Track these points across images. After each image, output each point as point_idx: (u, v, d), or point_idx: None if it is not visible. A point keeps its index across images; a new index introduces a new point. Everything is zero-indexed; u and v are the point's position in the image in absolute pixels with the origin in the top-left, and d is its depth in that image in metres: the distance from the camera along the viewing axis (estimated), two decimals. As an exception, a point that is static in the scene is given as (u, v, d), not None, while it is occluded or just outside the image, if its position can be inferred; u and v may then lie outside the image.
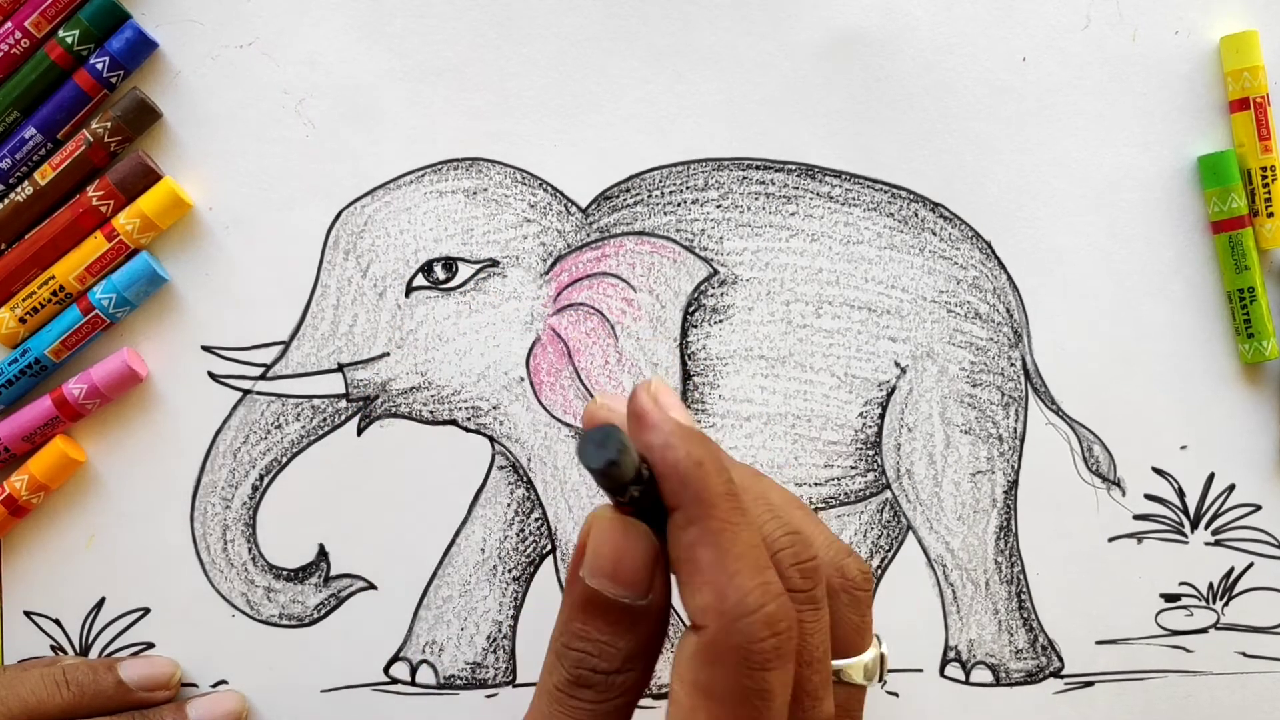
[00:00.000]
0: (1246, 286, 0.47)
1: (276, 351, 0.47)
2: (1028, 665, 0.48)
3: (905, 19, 0.48)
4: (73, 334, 0.46)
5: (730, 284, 0.48)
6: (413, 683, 0.48)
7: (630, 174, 0.48)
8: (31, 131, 0.46)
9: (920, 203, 0.48)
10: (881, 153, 0.48)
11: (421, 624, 0.48)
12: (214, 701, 0.46)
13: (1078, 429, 0.48)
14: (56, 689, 0.45)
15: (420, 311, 0.47)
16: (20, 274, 0.46)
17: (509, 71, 0.47)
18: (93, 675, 0.46)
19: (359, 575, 0.48)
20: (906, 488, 0.48)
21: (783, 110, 0.48)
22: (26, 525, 0.47)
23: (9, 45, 0.45)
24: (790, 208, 0.48)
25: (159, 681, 0.46)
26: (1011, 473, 0.48)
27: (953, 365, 0.48)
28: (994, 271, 0.48)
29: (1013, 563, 0.48)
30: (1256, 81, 0.47)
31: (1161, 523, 0.48)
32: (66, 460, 0.46)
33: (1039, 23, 0.48)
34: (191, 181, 0.47)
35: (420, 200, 0.47)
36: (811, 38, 0.47)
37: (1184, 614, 0.48)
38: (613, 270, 0.47)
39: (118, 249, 0.46)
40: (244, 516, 0.47)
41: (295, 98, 0.47)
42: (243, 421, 0.47)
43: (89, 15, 0.45)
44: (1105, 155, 0.48)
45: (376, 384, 0.47)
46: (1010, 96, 0.48)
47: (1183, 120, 0.48)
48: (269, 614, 0.48)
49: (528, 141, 0.47)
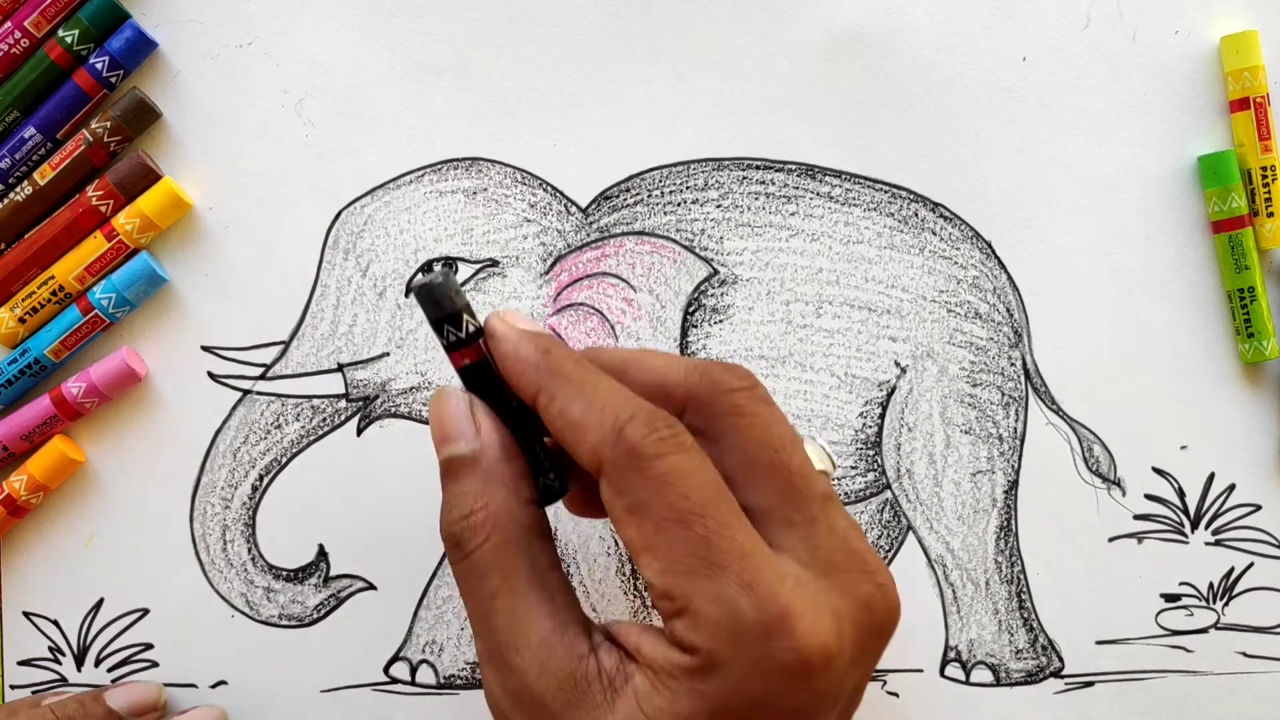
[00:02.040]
0: (1246, 286, 0.47)
1: (276, 351, 0.47)
2: (1028, 665, 0.48)
3: (906, 19, 0.48)
4: (72, 334, 0.46)
5: (730, 284, 0.48)
6: (413, 683, 0.48)
7: (630, 174, 0.48)
8: (31, 131, 0.46)
9: (920, 202, 0.48)
10: (882, 152, 0.48)
11: (421, 624, 0.48)
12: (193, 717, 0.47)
13: (1078, 429, 0.48)
14: None
15: (420, 312, 0.47)
16: (20, 274, 0.46)
17: (509, 71, 0.47)
18: (81, 709, 0.45)
19: (359, 575, 0.48)
20: (907, 487, 0.48)
21: (783, 110, 0.48)
22: (25, 525, 0.47)
23: (9, 45, 0.45)
24: (790, 207, 0.48)
25: (147, 705, 0.46)
26: (1012, 473, 0.48)
27: (953, 365, 0.48)
28: (994, 271, 0.48)
29: (1013, 563, 0.48)
30: (1257, 81, 0.47)
31: (1162, 523, 0.48)
32: (66, 460, 0.46)
33: (1039, 22, 0.48)
34: (191, 181, 0.47)
35: (420, 200, 0.47)
36: (812, 37, 0.48)
37: (1184, 614, 0.48)
38: (613, 270, 0.47)
39: (117, 249, 0.46)
40: (244, 517, 0.47)
41: (295, 97, 0.47)
42: (242, 421, 0.47)
43: (89, 15, 0.45)
44: (1105, 155, 0.48)
45: (376, 384, 0.47)
46: (1010, 96, 0.48)
47: (1183, 120, 0.48)
48: (268, 614, 0.48)
49: (528, 141, 0.47)
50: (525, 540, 0.35)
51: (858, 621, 0.34)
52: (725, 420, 0.35)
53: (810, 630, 0.32)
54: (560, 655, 0.34)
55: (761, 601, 0.32)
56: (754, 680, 0.32)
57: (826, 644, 0.32)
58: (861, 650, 0.34)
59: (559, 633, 0.34)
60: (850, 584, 0.34)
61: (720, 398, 0.36)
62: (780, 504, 0.35)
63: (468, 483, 0.36)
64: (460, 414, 0.37)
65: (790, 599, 0.32)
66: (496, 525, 0.35)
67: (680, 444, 0.34)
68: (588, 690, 0.34)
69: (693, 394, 0.36)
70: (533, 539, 0.36)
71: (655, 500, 0.33)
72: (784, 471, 0.35)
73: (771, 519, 0.35)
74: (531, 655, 0.34)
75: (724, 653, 0.32)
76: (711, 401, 0.36)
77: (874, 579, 0.35)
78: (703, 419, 0.36)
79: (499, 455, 0.36)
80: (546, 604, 0.35)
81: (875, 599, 0.34)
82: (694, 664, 0.32)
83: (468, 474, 0.36)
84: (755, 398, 0.36)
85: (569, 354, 0.36)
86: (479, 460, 0.36)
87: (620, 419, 0.34)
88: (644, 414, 0.34)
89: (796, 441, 0.36)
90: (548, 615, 0.35)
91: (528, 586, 0.35)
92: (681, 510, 0.33)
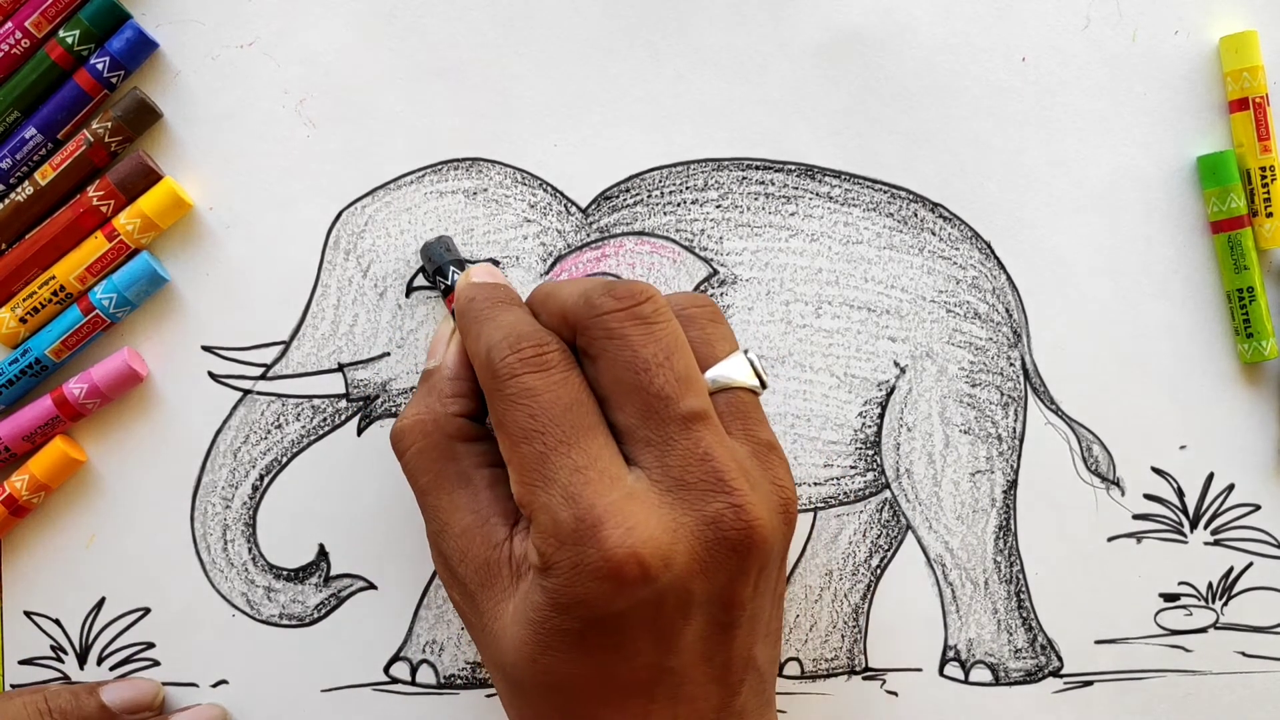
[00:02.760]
0: (1245, 286, 0.47)
1: (277, 351, 0.47)
2: (1027, 665, 0.48)
3: (905, 19, 0.48)
4: (73, 334, 0.46)
5: (730, 284, 0.48)
6: (413, 682, 0.48)
7: (630, 174, 0.48)
8: (32, 131, 0.46)
9: (920, 203, 0.48)
10: (881, 153, 0.48)
11: (422, 624, 0.48)
12: (193, 715, 0.47)
13: (1077, 429, 0.48)
14: (39, 717, 0.45)
15: (421, 311, 0.47)
16: (21, 274, 0.46)
17: (509, 72, 0.47)
18: (75, 701, 0.45)
19: (359, 575, 0.48)
20: (906, 487, 0.48)
21: (782, 110, 0.48)
22: (27, 525, 0.47)
23: (9, 45, 0.45)
24: (790, 208, 0.48)
25: (142, 703, 0.46)
26: (1011, 472, 0.48)
27: (952, 365, 0.48)
28: (993, 271, 0.48)
29: (1012, 562, 0.48)
30: (1256, 82, 0.47)
31: (1161, 522, 0.48)
32: (67, 460, 0.46)
33: (1039, 23, 0.48)
34: (192, 181, 0.47)
35: (421, 200, 0.47)
36: (811, 38, 0.48)
37: (1183, 614, 0.48)
38: (613, 270, 0.47)
39: (118, 249, 0.46)
40: (244, 516, 0.48)
41: (296, 98, 0.47)
42: (243, 421, 0.47)
43: (89, 15, 0.45)
44: (1105, 155, 0.48)
45: (377, 384, 0.47)
46: (1010, 96, 0.48)
47: (1182, 120, 0.48)
48: (269, 614, 0.48)
49: (528, 142, 0.47)
50: (449, 444, 0.40)
51: (699, 536, 0.36)
52: (599, 342, 0.38)
53: (621, 539, 0.35)
54: (478, 544, 0.39)
55: (580, 511, 0.35)
56: (576, 582, 0.35)
57: (642, 553, 0.35)
58: (710, 563, 0.36)
59: (478, 524, 0.39)
60: (697, 501, 0.36)
61: (593, 320, 0.38)
62: (640, 424, 0.37)
63: (419, 393, 0.42)
64: (440, 338, 0.43)
65: (607, 510, 0.35)
66: (424, 431, 0.40)
67: (537, 364, 0.37)
68: (497, 574, 0.38)
69: (575, 316, 0.39)
70: (457, 444, 0.40)
71: (507, 418, 0.37)
72: (643, 393, 0.37)
73: (633, 438, 0.37)
74: (454, 543, 0.39)
75: (551, 556, 0.36)
76: (588, 324, 0.38)
77: (727, 498, 0.36)
78: (584, 340, 0.38)
79: (448, 374, 0.41)
80: (468, 499, 0.39)
81: (724, 516, 0.36)
82: (538, 563, 0.36)
83: (423, 385, 0.42)
84: (630, 317, 0.38)
85: (491, 296, 0.41)
86: (433, 374, 0.42)
87: (491, 345, 0.38)
88: (510, 339, 0.38)
89: (666, 362, 0.37)
90: (468, 509, 0.39)
91: (452, 485, 0.40)
92: (526, 428, 0.37)
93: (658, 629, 0.36)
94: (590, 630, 0.36)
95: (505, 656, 0.38)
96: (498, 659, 0.38)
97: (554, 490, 0.36)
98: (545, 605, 0.36)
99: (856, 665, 0.48)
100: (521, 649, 0.37)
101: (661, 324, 0.38)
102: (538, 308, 0.41)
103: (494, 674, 0.40)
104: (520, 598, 0.37)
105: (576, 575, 0.35)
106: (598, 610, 0.36)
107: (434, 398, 0.41)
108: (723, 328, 0.41)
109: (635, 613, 0.36)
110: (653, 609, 0.36)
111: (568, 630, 0.36)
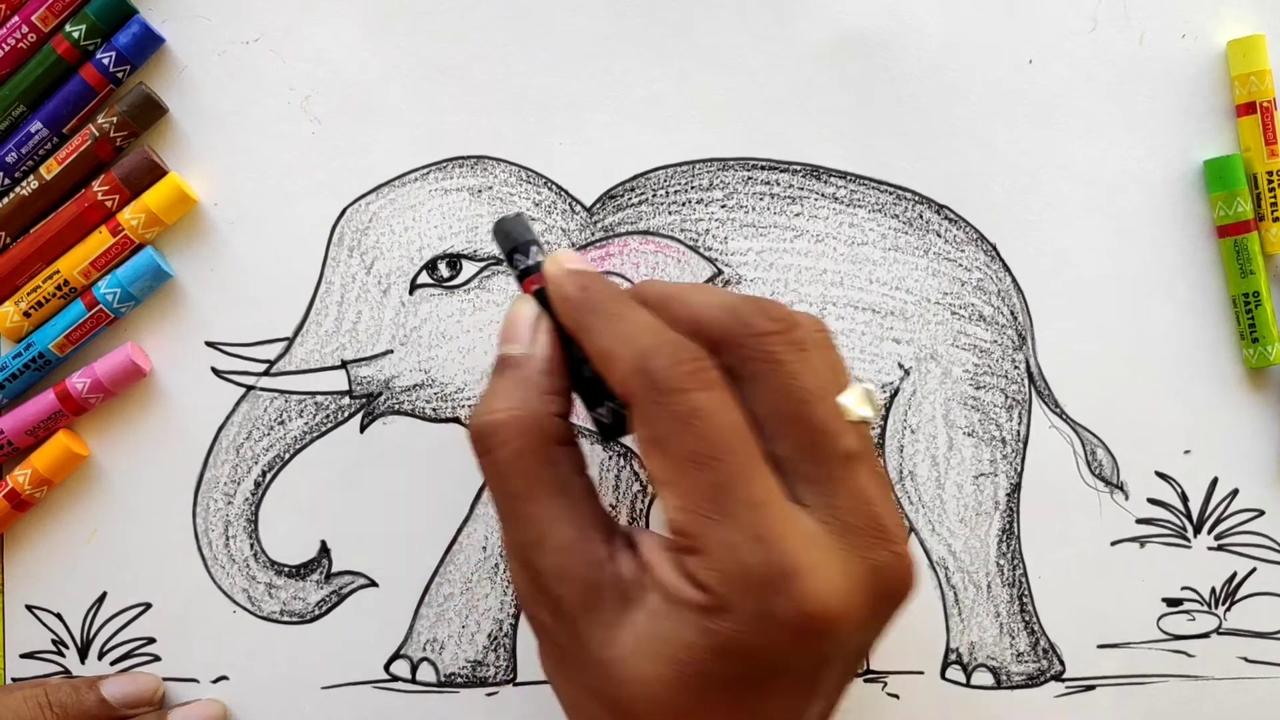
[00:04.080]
0: (1251, 291, 0.47)
1: (280, 348, 0.47)
2: (1029, 668, 0.48)
3: (911, 20, 0.47)
4: (77, 328, 0.46)
5: (734, 284, 0.48)
6: (413, 680, 0.48)
7: (635, 173, 0.48)
8: (37, 126, 0.46)
9: (925, 204, 0.48)
10: (887, 154, 0.48)
11: (422, 622, 0.48)
12: (193, 711, 0.47)
13: (1081, 432, 0.48)
14: (40, 710, 0.45)
15: (424, 309, 0.47)
16: (25, 268, 0.46)
17: (515, 70, 0.47)
18: (75, 695, 0.46)
19: (360, 572, 0.48)
20: (909, 489, 0.48)
21: (788, 110, 0.48)
22: (29, 519, 0.47)
23: (16, 39, 0.45)
24: (795, 208, 0.48)
25: (142, 698, 0.46)
26: (1014, 475, 0.48)
27: (956, 367, 0.48)
28: (999, 274, 0.48)
29: (1015, 565, 0.48)
30: (1263, 85, 0.47)
31: (1164, 527, 0.48)
32: (69, 455, 0.46)
33: (1045, 25, 0.48)
34: (197, 177, 0.47)
35: (425, 198, 0.47)
36: (817, 38, 0.47)
37: (1186, 618, 0.48)
38: (617, 270, 0.47)
39: (122, 244, 0.46)
40: (246, 512, 0.48)
41: (301, 94, 0.47)
42: (246, 417, 0.47)
43: (96, 10, 0.45)
44: (1111, 158, 0.48)
45: (380, 381, 0.47)
46: (1016, 98, 0.48)
47: (1189, 124, 0.48)
48: (270, 610, 0.48)
49: (533, 140, 0.47)
50: (547, 448, 0.36)
51: (869, 586, 0.34)
52: (753, 365, 0.35)
53: (815, 590, 0.32)
54: (578, 561, 0.35)
55: (769, 555, 0.32)
56: (757, 631, 0.32)
57: (830, 606, 0.32)
58: (871, 615, 0.34)
59: (578, 538, 0.35)
60: (865, 548, 0.34)
61: (749, 341, 0.35)
62: (802, 459, 0.34)
63: (505, 383, 0.37)
64: (524, 319, 0.38)
65: (798, 556, 0.32)
66: (521, 430, 0.36)
67: (704, 380, 0.34)
68: (602, 597, 0.34)
69: (725, 333, 0.35)
70: (555, 447, 0.36)
71: (675, 437, 0.33)
72: (806, 426, 0.34)
73: (794, 472, 0.34)
74: (551, 559, 0.35)
75: (731, 599, 0.32)
76: (741, 344, 0.35)
77: (890, 546, 0.34)
78: (734, 360, 0.35)
79: (542, 367, 0.37)
80: (567, 510, 0.36)
81: (889, 566, 0.34)
82: (705, 602, 0.33)
83: (510, 374, 0.37)
84: (787, 342, 0.35)
85: (607, 290, 0.37)
86: (523, 365, 0.37)
87: (645, 351, 0.34)
88: (669, 346, 0.34)
89: (826, 394, 0.35)
90: (568, 521, 0.35)
91: (549, 492, 0.36)
92: (699, 452, 0.33)
93: (814, 677, 0.34)
94: (753, 676, 0.33)
95: (622, 690, 0.34)
96: (607, 691, 0.34)
97: (735, 527, 0.32)
98: (705, 648, 0.33)
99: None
100: (652, 687, 0.33)
101: (818, 351, 0.36)
102: (659, 312, 0.36)
103: (590, 702, 0.35)
104: (649, 630, 0.33)
105: (761, 623, 0.32)
106: (772, 659, 0.33)
107: (530, 393, 0.37)
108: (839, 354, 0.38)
109: (805, 663, 0.33)
110: (820, 659, 0.34)
111: (729, 676, 0.33)
